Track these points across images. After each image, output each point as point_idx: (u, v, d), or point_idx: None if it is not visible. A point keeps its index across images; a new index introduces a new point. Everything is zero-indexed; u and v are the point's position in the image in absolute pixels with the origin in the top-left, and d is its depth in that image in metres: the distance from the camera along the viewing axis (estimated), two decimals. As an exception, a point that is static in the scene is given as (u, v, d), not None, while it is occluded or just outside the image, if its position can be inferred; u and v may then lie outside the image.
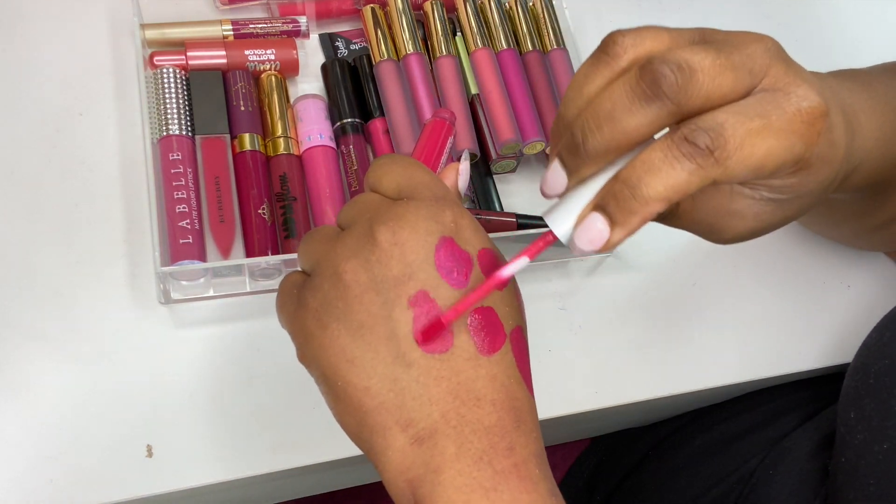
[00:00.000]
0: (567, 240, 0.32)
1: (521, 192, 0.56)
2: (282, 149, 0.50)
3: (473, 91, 0.55)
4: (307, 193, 0.50)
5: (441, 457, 0.30)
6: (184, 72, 0.51)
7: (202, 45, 0.52)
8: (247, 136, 0.50)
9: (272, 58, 0.53)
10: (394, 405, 0.31)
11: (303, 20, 0.55)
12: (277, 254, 0.48)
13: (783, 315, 0.56)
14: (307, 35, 0.55)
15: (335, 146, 0.52)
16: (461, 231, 0.32)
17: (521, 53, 0.57)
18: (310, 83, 0.55)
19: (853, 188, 0.39)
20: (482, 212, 0.52)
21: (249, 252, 0.48)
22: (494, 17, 0.56)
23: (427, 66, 0.54)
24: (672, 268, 0.55)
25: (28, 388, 0.44)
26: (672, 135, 0.30)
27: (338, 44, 0.57)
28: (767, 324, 0.55)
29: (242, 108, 0.51)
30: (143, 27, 0.52)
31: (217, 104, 0.51)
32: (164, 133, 0.48)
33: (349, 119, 0.52)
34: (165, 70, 0.50)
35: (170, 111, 0.49)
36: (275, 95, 0.52)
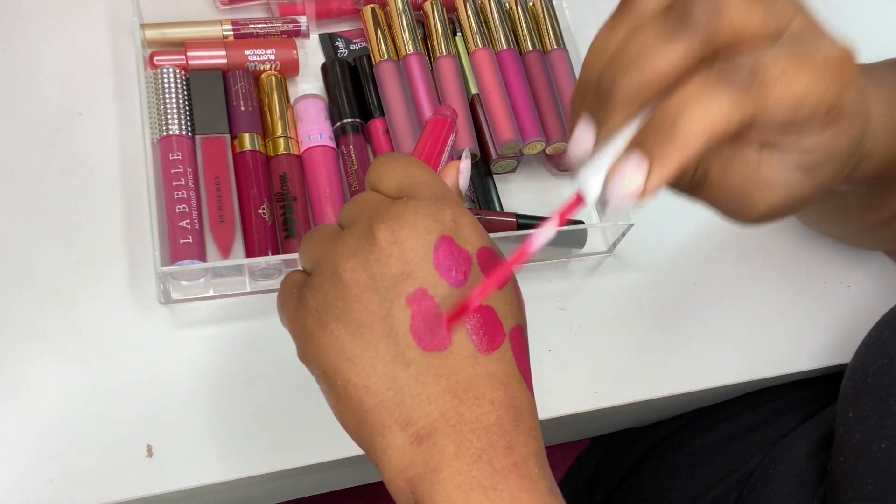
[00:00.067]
0: (598, 196, 0.31)
1: (521, 192, 0.56)
2: (282, 149, 0.50)
3: (473, 91, 0.55)
4: (307, 193, 0.50)
5: (440, 455, 0.30)
6: (184, 72, 0.51)
7: (202, 45, 0.52)
8: (247, 136, 0.50)
9: (272, 58, 0.53)
10: (393, 404, 0.31)
11: (303, 20, 0.55)
12: (277, 254, 0.48)
13: (783, 315, 0.56)
14: (307, 35, 0.55)
15: (335, 146, 0.52)
16: (460, 230, 0.32)
17: (521, 53, 0.57)
18: (310, 83, 0.55)
19: (861, 178, 0.39)
20: (482, 212, 0.52)
21: (249, 252, 0.48)
22: (494, 17, 0.56)
23: (427, 66, 0.54)
24: (672, 268, 0.55)
25: (28, 388, 0.44)
26: (708, 70, 0.29)
27: (338, 44, 0.57)
28: (767, 324, 0.55)
29: (242, 108, 0.51)
30: (143, 27, 0.52)
31: (217, 104, 0.51)
32: (164, 133, 0.48)
33: (349, 119, 0.52)
34: (165, 70, 0.50)
35: (170, 111, 0.49)
36: (275, 95, 0.52)
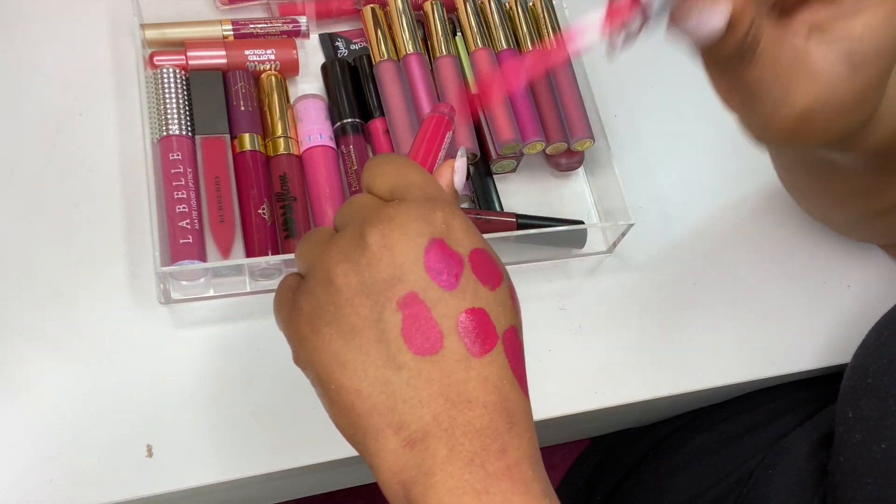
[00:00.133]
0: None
1: (521, 192, 0.56)
2: (282, 149, 0.50)
3: (473, 91, 0.55)
4: (307, 193, 0.50)
5: (433, 459, 0.30)
6: (184, 72, 0.51)
7: (202, 45, 0.52)
8: (247, 136, 0.50)
9: (272, 58, 0.53)
10: (385, 408, 0.31)
11: (303, 20, 0.55)
12: (277, 254, 0.48)
13: (783, 315, 0.56)
14: (307, 35, 0.55)
15: (335, 146, 0.52)
16: (452, 232, 0.32)
17: (521, 53, 0.57)
18: (310, 83, 0.55)
19: (869, 147, 0.40)
20: (482, 212, 0.52)
21: (249, 252, 0.48)
22: (494, 17, 0.56)
23: (427, 66, 0.54)
24: (672, 268, 0.55)
25: (28, 388, 0.44)
26: None
27: (338, 44, 0.57)
28: (767, 324, 0.55)
29: (242, 108, 0.51)
30: (143, 27, 0.52)
31: (217, 104, 0.51)
32: (164, 133, 0.48)
33: (349, 119, 0.52)
34: (165, 70, 0.50)
35: (170, 111, 0.49)
36: (275, 95, 0.52)
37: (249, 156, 0.50)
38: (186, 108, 0.50)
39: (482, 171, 0.54)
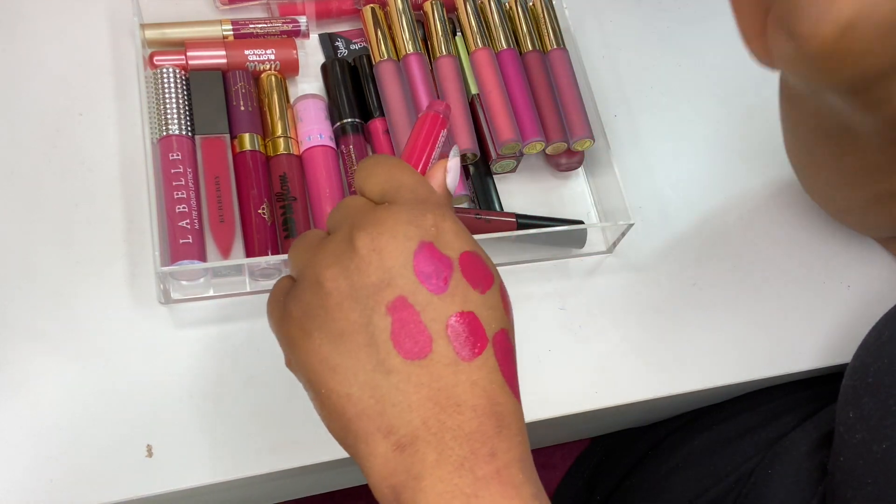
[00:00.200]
0: None
1: (521, 192, 0.56)
2: (282, 149, 0.50)
3: (473, 91, 0.55)
4: (307, 193, 0.50)
5: (422, 464, 0.30)
6: (184, 72, 0.51)
7: (202, 45, 0.52)
8: (247, 136, 0.50)
9: (272, 58, 0.53)
10: (375, 412, 0.31)
11: (303, 20, 0.55)
12: (277, 254, 0.48)
13: (783, 315, 0.56)
14: (307, 35, 0.55)
15: (335, 146, 0.52)
16: (442, 235, 0.32)
17: (521, 53, 0.57)
18: (310, 83, 0.55)
19: (890, 116, 0.39)
20: (482, 212, 0.52)
21: (249, 252, 0.48)
22: (494, 17, 0.56)
23: (427, 66, 0.54)
24: (672, 268, 0.55)
25: (28, 388, 0.44)
26: None
27: (338, 44, 0.57)
28: (767, 324, 0.55)
29: (242, 108, 0.51)
30: (143, 27, 0.52)
31: (217, 104, 0.51)
32: (164, 133, 0.48)
33: (349, 119, 0.52)
34: (165, 70, 0.50)
35: (170, 111, 0.49)
36: (275, 95, 0.52)
37: (249, 156, 0.50)
38: (186, 108, 0.50)
39: (482, 171, 0.54)
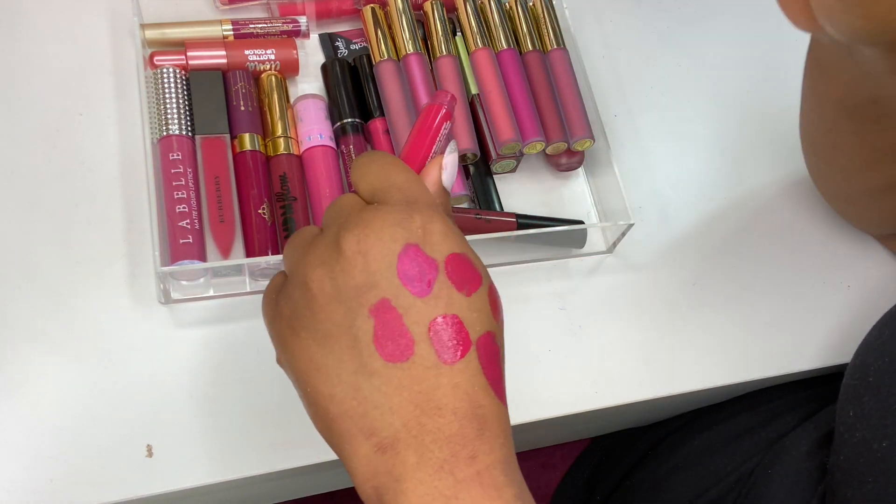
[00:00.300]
0: None
1: (521, 192, 0.56)
2: (282, 149, 0.50)
3: (473, 91, 0.55)
4: (307, 193, 0.50)
5: (403, 466, 0.30)
6: (184, 72, 0.51)
7: (202, 45, 0.52)
8: (247, 136, 0.50)
9: (272, 58, 0.53)
10: (357, 413, 0.31)
11: (303, 20, 0.55)
12: (277, 254, 0.48)
13: (783, 315, 0.56)
14: (307, 35, 0.55)
15: (335, 146, 0.52)
16: (429, 237, 0.32)
17: (521, 53, 0.57)
18: (310, 83, 0.55)
19: None
20: (482, 212, 0.52)
21: (249, 252, 0.48)
22: (494, 17, 0.56)
23: (427, 66, 0.54)
24: (672, 268, 0.55)
25: (28, 388, 0.44)
26: None
27: (338, 44, 0.57)
28: (767, 324, 0.55)
29: (242, 108, 0.51)
30: (143, 27, 0.52)
31: (217, 104, 0.51)
32: (164, 133, 0.48)
33: (349, 119, 0.52)
34: (165, 70, 0.50)
35: (170, 111, 0.49)
36: (275, 95, 0.52)
37: (249, 156, 0.50)
38: (186, 108, 0.50)
39: (482, 171, 0.54)
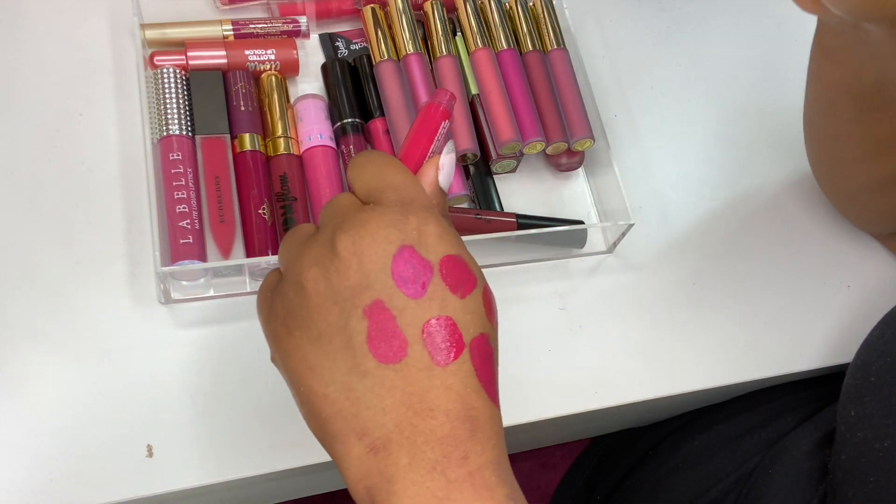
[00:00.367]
0: None
1: (521, 192, 0.56)
2: (282, 149, 0.50)
3: (473, 91, 0.55)
4: (307, 193, 0.50)
5: (395, 467, 0.30)
6: (184, 72, 0.51)
7: (202, 45, 0.52)
8: (247, 136, 0.50)
9: (272, 58, 0.53)
10: (350, 414, 0.31)
11: (303, 20, 0.55)
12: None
13: (783, 315, 0.56)
14: (307, 35, 0.55)
15: (335, 146, 0.52)
16: (424, 238, 0.32)
17: (521, 53, 0.57)
18: (310, 83, 0.55)
19: None
20: (482, 212, 0.52)
21: (249, 252, 0.48)
22: (494, 17, 0.56)
23: (427, 66, 0.54)
24: (672, 268, 0.55)
25: (28, 388, 0.44)
26: None
27: (338, 44, 0.57)
28: (767, 324, 0.55)
29: (242, 108, 0.51)
30: (144, 27, 0.52)
31: (217, 104, 0.51)
32: (165, 133, 0.48)
33: (349, 119, 0.52)
34: (165, 70, 0.50)
35: (170, 111, 0.49)
36: (275, 95, 0.52)
37: (249, 156, 0.50)
38: (186, 108, 0.50)
39: (482, 171, 0.54)
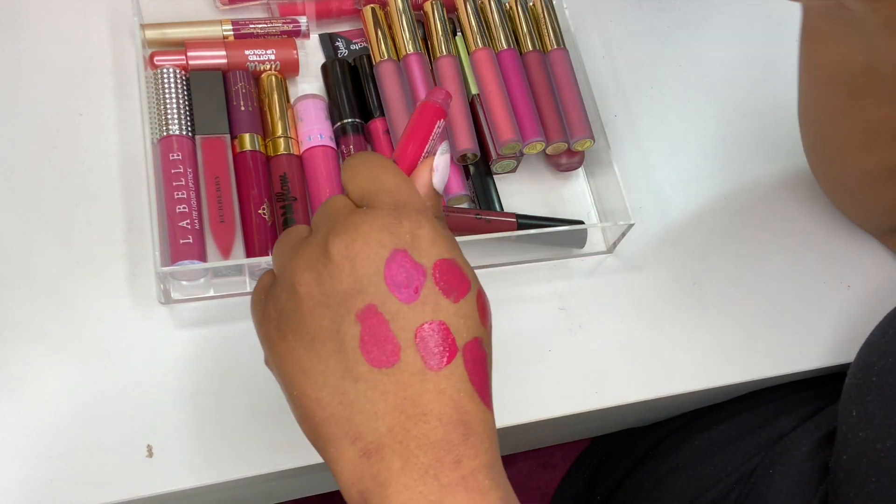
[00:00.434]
0: None
1: (521, 192, 0.56)
2: (282, 149, 0.50)
3: (473, 91, 0.55)
4: (307, 193, 0.50)
5: (388, 471, 0.30)
6: (184, 72, 0.51)
7: (202, 45, 0.52)
8: (247, 136, 0.50)
9: (272, 58, 0.53)
10: (343, 418, 0.31)
11: (303, 20, 0.55)
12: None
13: (783, 315, 0.56)
14: (307, 35, 0.55)
15: (335, 146, 0.52)
16: (417, 242, 0.32)
17: (521, 53, 0.57)
18: (310, 83, 0.55)
19: None
20: (482, 212, 0.52)
21: (249, 252, 0.48)
22: (494, 17, 0.56)
23: (427, 66, 0.54)
24: (672, 267, 0.55)
25: (28, 388, 0.44)
26: None
27: (338, 44, 0.57)
28: (767, 324, 0.55)
29: (242, 108, 0.51)
30: (144, 27, 0.52)
31: (217, 104, 0.51)
32: (165, 133, 0.48)
33: (349, 119, 0.52)
34: (165, 70, 0.50)
35: (170, 111, 0.49)
36: (275, 95, 0.52)
37: (249, 156, 0.50)
38: (186, 108, 0.50)
39: (482, 171, 0.54)
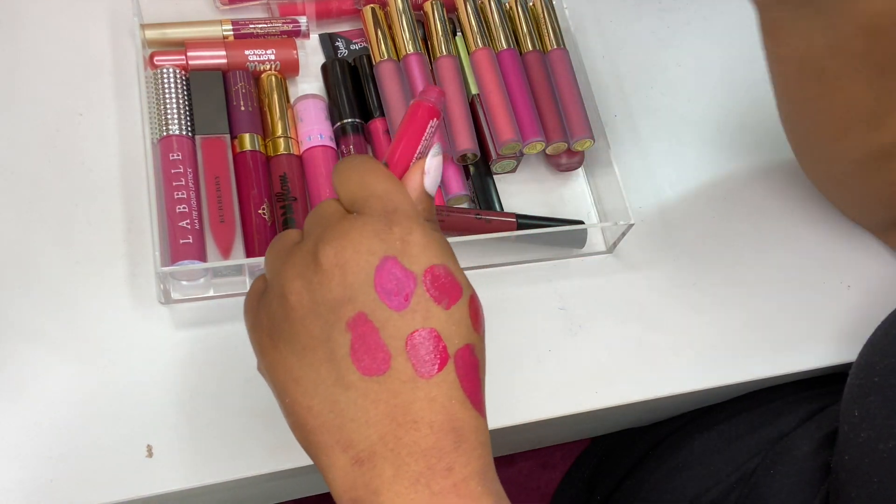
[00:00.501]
0: None
1: (521, 192, 0.56)
2: (282, 149, 0.50)
3: (473, 91, 0.55)
4: (307, 193, 0.50)
5: (379, 479, 0.30)
6: (184, 72, 0.51)
7: (202, 45, 0.52)
8: (247, 136, 0.50)
9: (272, 58, 0.53)
10: (334, 426, 0.31)
11: (303, 20, 0.55)
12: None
13: (783, 315, 0.56)
14: (307, 35, 0.55)
15: (335, 146, 0.52)
16: (408, 248, 0.32)
17: (521, 53, 0.57)
18: (310, 83, 0.55)
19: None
20: (482, 212, 0.52)
21: (249, 252, 0.48)
22: (494, 17, 0.56)
23: (427, 66, 0.54)
24: (672, 268, 0.55)
25: (28, 388, 0.44)
26: None
27: (338, 44, 0.57)
28: (767, 324, 0.55)
29: (242, 108, 0.51)
30: (144, 27, 0.52)
31: (217, 104, 0.51)
32: (164, 133, 0.48)
33: (349, 119, 0.52)
34: (165, 70, 0.50)
35: (170, 111, 0.49)
36: (275, 95, 0.52)
37: (249, 156, 0.50)
38: (186, 108, 0.50)
39: (482, 171, 0.54)
